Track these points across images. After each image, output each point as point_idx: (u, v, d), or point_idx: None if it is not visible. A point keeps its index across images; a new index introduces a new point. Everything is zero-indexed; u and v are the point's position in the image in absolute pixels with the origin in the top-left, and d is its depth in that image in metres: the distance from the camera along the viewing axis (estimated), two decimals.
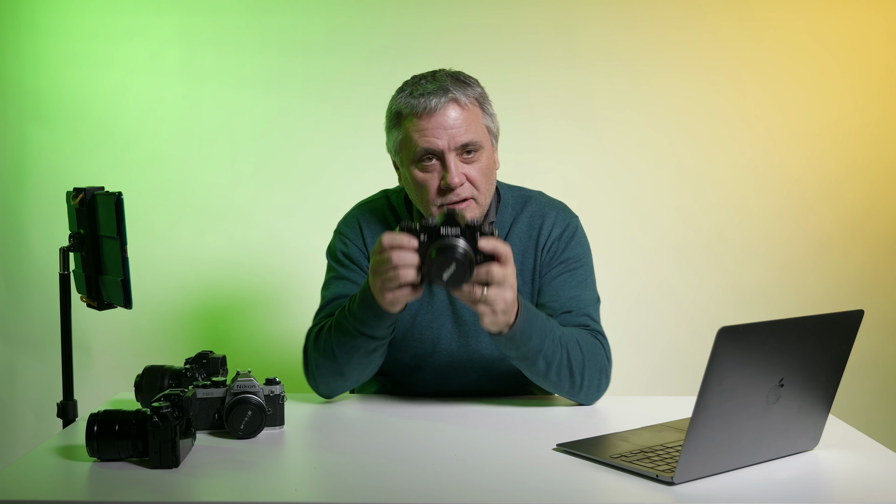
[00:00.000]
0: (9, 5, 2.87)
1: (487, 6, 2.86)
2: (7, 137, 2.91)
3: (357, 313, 1.62)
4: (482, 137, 1.71)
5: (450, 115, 1.68)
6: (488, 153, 1.73)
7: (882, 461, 1.41)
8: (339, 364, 1.68)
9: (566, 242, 1.81)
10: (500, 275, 1.48)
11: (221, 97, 2.88)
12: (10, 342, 2.96)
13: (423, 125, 1.68)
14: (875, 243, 2.93)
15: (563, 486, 1.30)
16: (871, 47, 2.89)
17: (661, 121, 2.89)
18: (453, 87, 1.69)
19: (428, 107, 1.67)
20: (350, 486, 1.31)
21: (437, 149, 1.67)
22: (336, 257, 1.85)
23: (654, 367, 2.91)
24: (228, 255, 2.90)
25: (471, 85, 1.73)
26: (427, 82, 1.71)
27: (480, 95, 1.74)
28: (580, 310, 1.76)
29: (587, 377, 1.68)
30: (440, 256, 1.46)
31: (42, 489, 1.30)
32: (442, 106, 1.67)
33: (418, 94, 1.69)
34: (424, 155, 1.69)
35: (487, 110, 1.74)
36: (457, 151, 1.68)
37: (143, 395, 1.61)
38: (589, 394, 1.71)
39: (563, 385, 1.67)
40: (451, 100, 1.68)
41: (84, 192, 1.91)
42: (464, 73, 1.76)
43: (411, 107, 1.69)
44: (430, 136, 1.67)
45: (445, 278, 1.46)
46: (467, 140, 1.68)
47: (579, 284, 1.79)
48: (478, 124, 1.71)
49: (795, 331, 1.32)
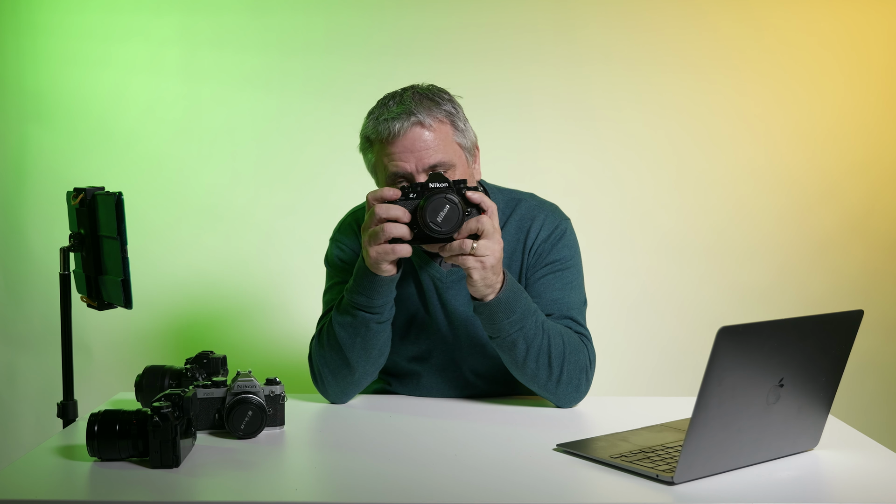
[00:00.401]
0: (9, 5, 2.87)
1: (487, 6, 2.86)
2: (7, 137, 2.91)
3: (352, 287, 1.66)
4: (452, 156, 1.69)
5: (415, 138, 1.66)
6: (462, 169, 1.72)
7: (882, 461, 1.41)
8: (343, 352, 1.69)
9: (553, 244, 1.80)
10: (489, 225, 1.53)
11: (221, 97, 2.89)
12: (10, 342, 2.96)
13: (390, 150, 1.68)
14: (875, 243, 2.93)
15: (563, 486, 1.30)
16: (871, 47, 2.89)
17: (661, 120, 2.89)
18: (417, 108, 1.67)
19: (391, 132, 1.66)
20: (350, 486, 1.31)
21: (406, 172, 1.67)
22: (334, 263, 1.86)
23: (654, 367, 2.91)
24: (228, 254, 2.90)
25: (438, 103, 1.70)
26: (394, 104, 1.70)
27: (448, 113, 1.70)
28: (562, 312, 1.75)
29: (566, 371, 1.66)
30: (431, 201, 1.51)
31: (42, 489, 1.30)
32: (405, 130, 1.66)
33: (383, 119, 1.68)
34: (395, 179, 1.69)
35: (458, 126, 1.72)
36: (426, 171, 1.67)
37: (144, 395, 1.61)
38: (567, 392, 1.68)
39: (540, 375, 1.65)
40: (414, 123, 1.66)
41: (84, 192, 1.91)
42: (434, 90, 1.73)
43: (377, 133, 1.69)
44: (397, 161, 1.67)
45: (439, 220, 1.50)
46: (435, 161, 1.67)
47: (564, 287, 1.78)
48: (447, 143, 1.69)
49: (795, 331, 1.32)
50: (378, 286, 1.63)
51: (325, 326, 1.74)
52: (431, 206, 1.52)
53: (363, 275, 1.64)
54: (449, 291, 1.79)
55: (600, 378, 2.46)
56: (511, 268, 1.80)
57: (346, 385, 1.73)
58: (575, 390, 1.69)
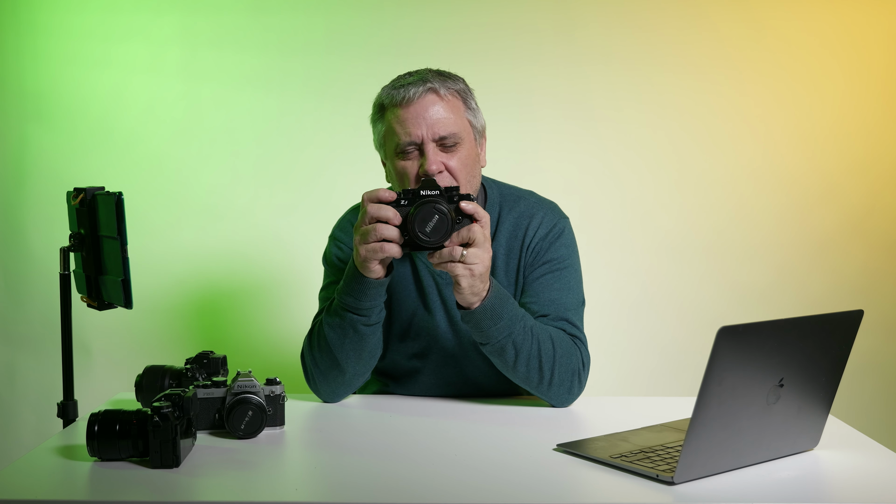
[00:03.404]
0: (9, 5, 2.87)
1: (487, 6, 2.86)
2: (7, 137, 2.91)
3: (342, 288, 1.67)
4: (462, 129, 1.73)
5: (429, 105, 1.70)
6: (469, 146, 1.74)
7: (882, 461, 1.41)
8: (332, 353, 1.69)
9: (551, 242, 1.80)
10: (480, 234, 1.54)
11: (221, 97, 2.88)
12: (10, 342, 2.96)
13: (403, 115, 1.71)
14: (875, 243, 2.93)
15: (563, 486, 1.30)
16: (871, 47, 2.89)
17: (662, 120, 2.89)
18: (434, 79, 1.73)
19: (407, 96, 1.70)
20: (350, 486, 1.32)
21: (417, 138, 1.70)
22: (331, 262, 1.86)
23: (654, 367, 2.91)
24: (229, 254, 2.90)
25: (454, 79, 1.76)
26: (409, 76, 1.75)
27: (462, 91, 1.76)
28: (558, 313, 1.75)
29: (557, 375, 1.67)
30: (421, 209, 1.52)
31: (42, 489, 1.30)
32: (420, 95, 1.70)
33: (399, 86, 1.73)
34: (406, 145, 1.71)
35: (470, 105, 1.77)
36: (436, 142, 1.70)
37: (144, 395, 1.61)
38: (559, 394, 1.70)
39: (531, 378, 1.67)
40: (429, 90, 1.71)
41: (84, 192, 1.91)
42: (448, 71, 1.79)
43: (391, 97, 1.73)
44: (409, 126, 1.70)
45: (428, 230, 1.50)
46: (446, 132, 1.70)
47: (562, 287, 1.78)
48: (458, 117, 1.73)
49: (795, 331, 1.32)
50: (366, 288, 1.63)
51: (316, 326, 1.75)
52: (421, 216, 1.52)
53: (353, 276, 1.64)
54: (448, 288, 1.79)
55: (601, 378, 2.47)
56: (508, 266, 1.80)
57: (337, 385, 1.74)
58: (567, 392, 1.70)
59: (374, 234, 1.56)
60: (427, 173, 1.68)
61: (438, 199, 1.54)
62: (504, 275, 1.80)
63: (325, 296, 1.84)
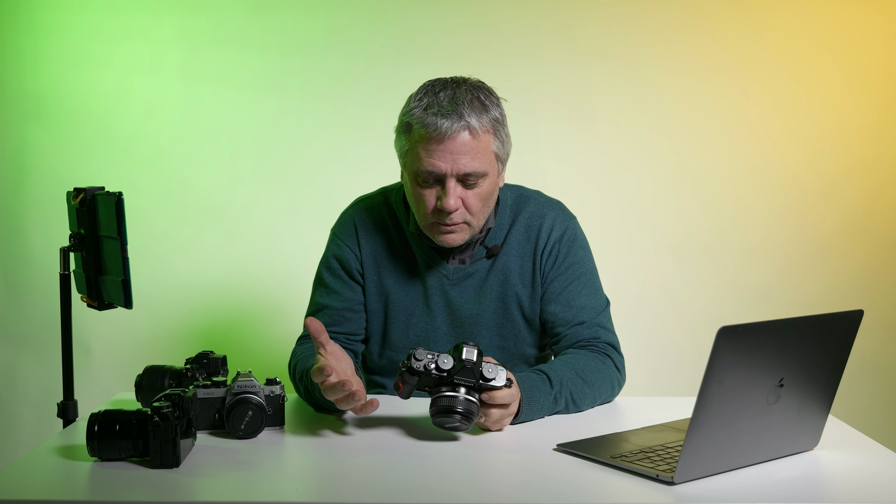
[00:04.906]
0: (9, 5, 2.87)
1: (487, 6, 2.86)
2: (7, 137, 2.91)
3: (318, 395, 1.58)
4: (487, 166, 1.67)
5: (460, 144, 1.63)
6: (491, 180, 1.70)
7: (882, 461, 1.41)
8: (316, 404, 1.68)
9: (568, 246, 1.81)
10: (497, 415, 1.52)
11: (221, 97, 2.89)
12: (10, 342, 2.96)
13: (431, 146, 1.64)
14: (875, 243, 2.93)
15: (563, 486, 1.30)
16: (871, 47, 2.89)
17: (661, 121, 2.89)
18: (470, 112, 1.63)
19: (439, 129, 1.62)
20: (350, 486, 1.32)
21: (440, 172, 1.65)
22: (328, 263, 1.86)
23: (654, 367, 2.91)
24: (229, 255, 2.90)
25: (488, 108, 1.67)
26: (445, 98, 1.65)
27: (496, 120, 1.68)
28: (593, 320, 1.79)
29: (599, 400, 1.73)
30: (442, 415, 1.48)
31: (42, 489, 1.30)
32: (453, 133, 1.63)
33: (433, 113, 1.63)
34: (427, 174, 1.67)
35: (500, 136, 1.69)
36: (458, 177, 1.66)
37: (144, 395, 1.61)
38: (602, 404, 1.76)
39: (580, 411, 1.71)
40: (463, 126, 1.63)
41: (84, 192, 1.91)
42: (486, 90, 1.70)
43: (423, 125, 1.64)
44: (434, 159, 1.64)
45: (447, 426, 1.49)
46: (470, 170, 1.65)
47: (590, 293, 1.81)
48: (486, 153, 1.67)
49: (795, 331, 1.32)
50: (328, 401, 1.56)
51: (295, 372, 1.73)
52: (440, 417, 1.48)
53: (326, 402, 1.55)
54: (455, 288, 1.80)
55: None
56: (523, 269, 1.81)
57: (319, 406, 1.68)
58: (607, 400, 1.77)
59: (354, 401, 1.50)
60: (445, 209, 1.66)
61: (457, 402, 1.47)
62: (519, 277, 1.80)
63: (314, 299, 1.86)
